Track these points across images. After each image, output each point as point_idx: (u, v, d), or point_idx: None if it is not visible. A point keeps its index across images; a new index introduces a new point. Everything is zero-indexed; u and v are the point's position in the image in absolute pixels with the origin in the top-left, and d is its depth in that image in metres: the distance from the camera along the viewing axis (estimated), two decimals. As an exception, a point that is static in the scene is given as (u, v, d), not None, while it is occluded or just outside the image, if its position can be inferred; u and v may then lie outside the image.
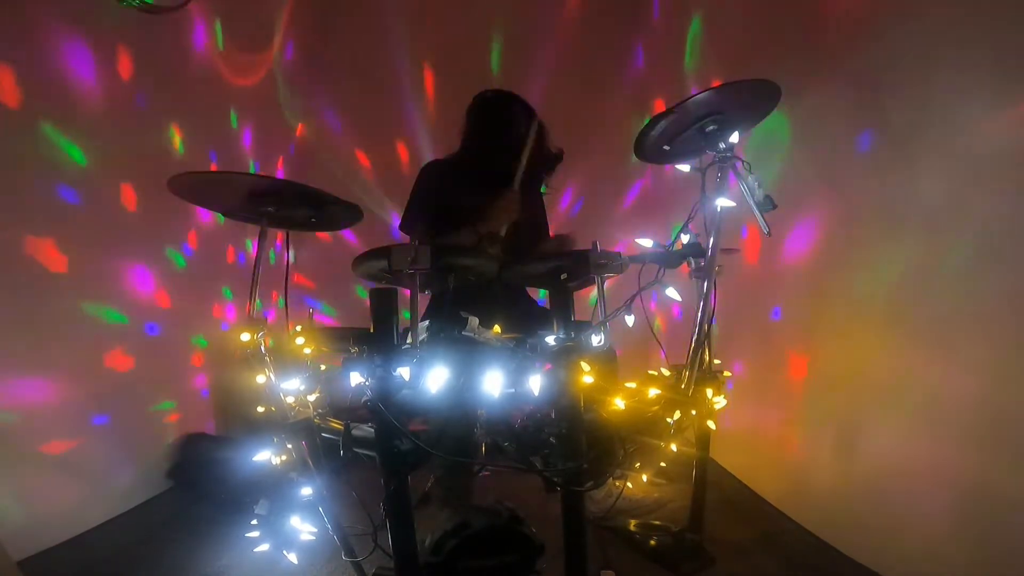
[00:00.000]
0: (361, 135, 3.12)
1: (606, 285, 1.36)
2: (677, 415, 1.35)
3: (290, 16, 2.71)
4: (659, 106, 2.67)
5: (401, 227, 1.96)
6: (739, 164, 1.30)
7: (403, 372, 1.12)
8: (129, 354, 1.87)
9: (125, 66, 1.81)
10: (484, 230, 1.80)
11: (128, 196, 1.86)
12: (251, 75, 2.55)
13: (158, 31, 1.88)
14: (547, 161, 1.98)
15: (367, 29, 2.97)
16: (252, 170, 2.60)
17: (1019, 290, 1.09)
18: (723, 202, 1.32)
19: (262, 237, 1.35)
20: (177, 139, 2.07)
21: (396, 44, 2.97)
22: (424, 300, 1.97)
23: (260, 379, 1.33)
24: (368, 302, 1.20)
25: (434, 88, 3.09)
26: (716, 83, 1.43)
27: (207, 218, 2.29)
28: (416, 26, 2.97)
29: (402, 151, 3.13)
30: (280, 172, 2.93)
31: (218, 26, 2.24)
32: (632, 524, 1.72)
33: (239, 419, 2.17)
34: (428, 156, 2.62)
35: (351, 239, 3.05)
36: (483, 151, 1.91)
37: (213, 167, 2.26)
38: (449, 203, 1.87)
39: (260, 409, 1.37)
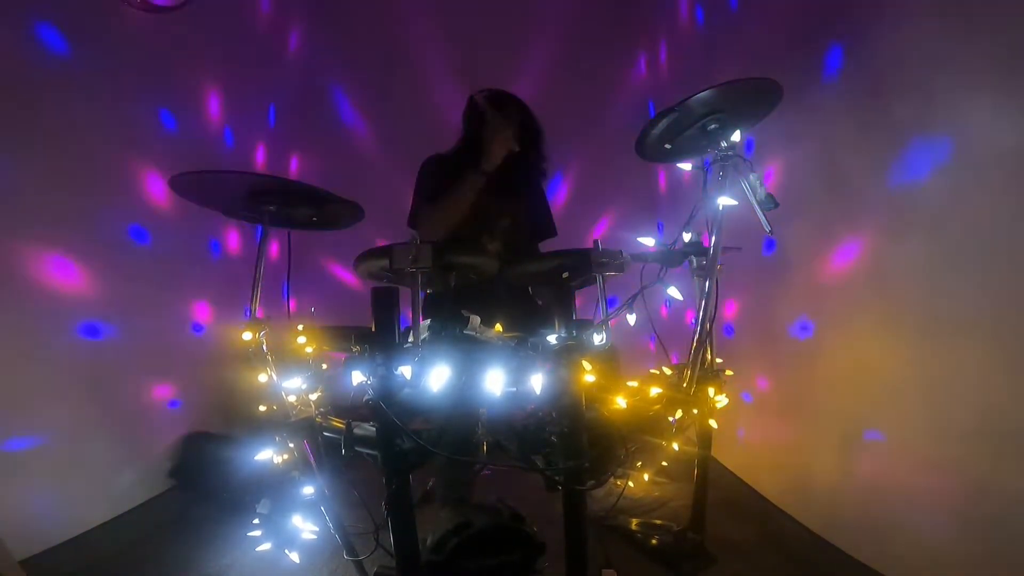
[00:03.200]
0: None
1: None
2: (679, 414, 1.35)
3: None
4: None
5: (409, 223, 1.96)
6: (741, 162, 1.30)
7: (404, 371, 1.12)
8: (130, 353, 1.87)
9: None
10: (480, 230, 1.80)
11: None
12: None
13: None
14: (541, 162, 1.98)
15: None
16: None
17: (1021, 289, 1.08)
18: (725, 201, 1.32)
19: (264, 236, 1.35)
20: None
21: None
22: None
23: (262, 378, 1.34)
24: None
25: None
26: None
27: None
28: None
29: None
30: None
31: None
32: (633, 523, 1.72)
33: (241, 418, 2.17)
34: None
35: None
36: (474, 153, 1.91)
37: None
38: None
39: (262, 408, 1.37)
